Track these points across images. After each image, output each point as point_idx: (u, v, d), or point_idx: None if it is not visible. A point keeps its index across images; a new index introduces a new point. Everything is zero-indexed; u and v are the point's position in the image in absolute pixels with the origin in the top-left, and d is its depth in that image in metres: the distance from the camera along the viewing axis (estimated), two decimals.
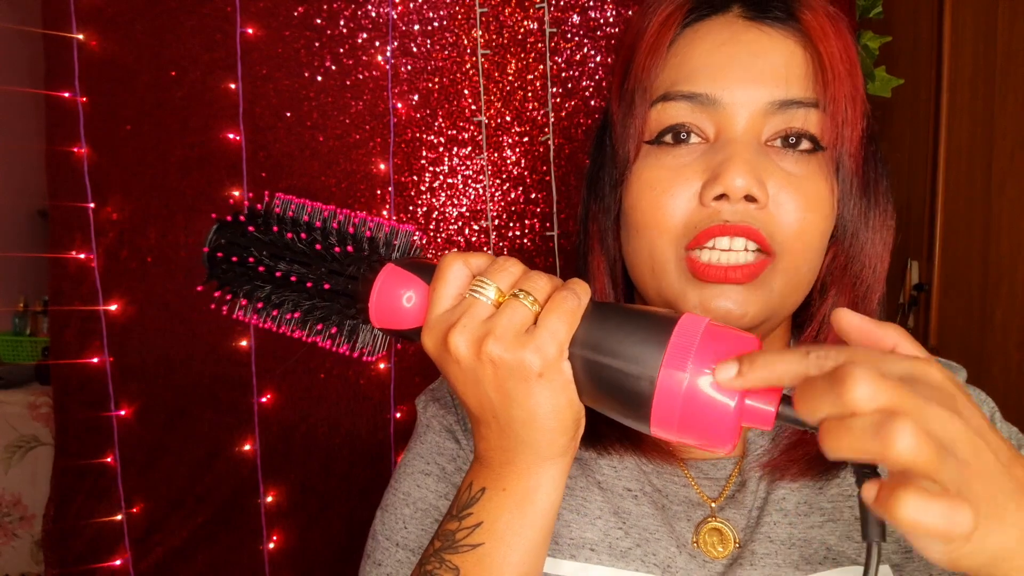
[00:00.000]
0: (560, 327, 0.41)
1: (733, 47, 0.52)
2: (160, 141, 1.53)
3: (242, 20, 1.50)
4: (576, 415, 0.44)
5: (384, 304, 0.46)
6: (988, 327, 1.58)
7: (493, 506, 0.46)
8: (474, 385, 0.43)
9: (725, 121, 0.51)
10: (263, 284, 0.50)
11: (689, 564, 0.56)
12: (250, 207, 0.52)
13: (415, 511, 0.61)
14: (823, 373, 0.34)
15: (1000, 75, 1.55)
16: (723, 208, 0.50)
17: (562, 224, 1.55)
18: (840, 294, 0.56)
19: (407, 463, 0.64)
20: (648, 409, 0.40)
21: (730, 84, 0.51)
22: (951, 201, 1.70)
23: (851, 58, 0.52)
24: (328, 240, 0.48)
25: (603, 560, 0.56)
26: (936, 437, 0.31)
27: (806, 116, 0.51)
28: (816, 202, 0.51)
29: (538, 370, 0.41)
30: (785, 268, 0.52)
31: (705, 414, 0.39)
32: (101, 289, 1.52)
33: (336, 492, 1.61)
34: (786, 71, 0.51)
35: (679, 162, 0.52)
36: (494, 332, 0.41)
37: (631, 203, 0.55)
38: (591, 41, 1.55)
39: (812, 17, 0.52)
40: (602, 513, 0.58)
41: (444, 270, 0.44)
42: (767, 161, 0.51)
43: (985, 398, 0.63)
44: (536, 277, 0.43)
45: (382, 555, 0.60)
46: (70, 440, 1.55)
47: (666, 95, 0.53)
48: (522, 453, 0.45)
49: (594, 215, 0.60)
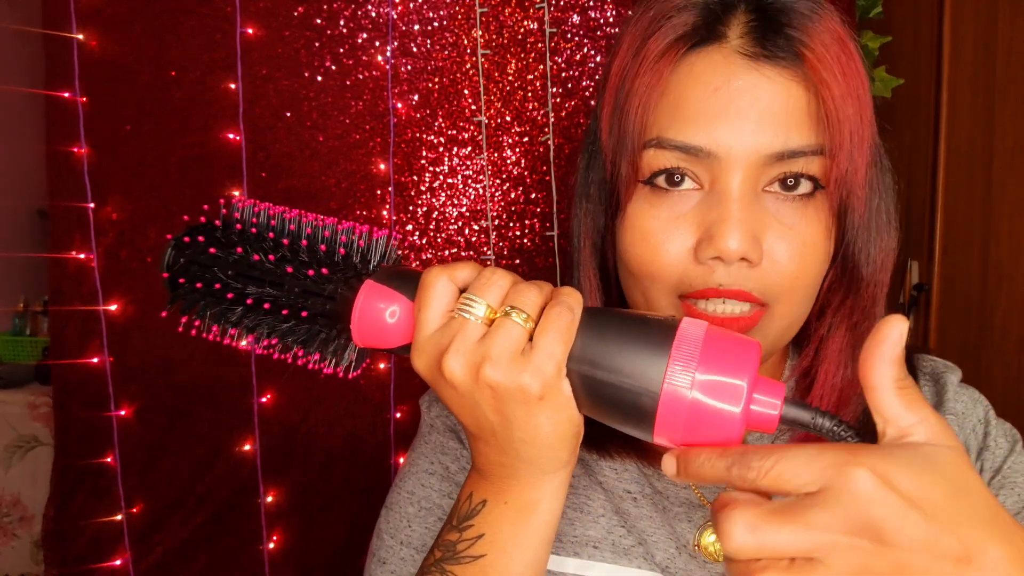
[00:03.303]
0: (556, 347, 0.40)
1: (729, 92, 0.48)
2: (160, 141, 1.53)
3: (242, 20, 1.50)
4: (576, 429, 0.44)
5: (367, 324, 0.44)
6: (988, 327, 1.58)
7: (494, 518, 0.45)
8: (471, 407, 0.42)
9: (720, 173, 0.49)
10: (233, 307, 0.46)
11: (689, 564, 0.56)
12: (207, 222, 0.48)
13: (419, 510, 0.61)
14: (747, 486, 0.35)
15: (1000, 75, 1.55)
16: (717, 268, 0.49)
17: (562, 224, 1.55)
18: (836, 317, 0.56)
19: (412, 462, 0.65)
20: (652, 422, 0.40)
21: (725, 135, 0.48)
22: (951, 201, 1.70)
23: (860, 88, 0.49)
24: (299, 257, 0.45)
25: (606, 557, 0.57)
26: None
27: (807, 163, 0.49)
28: (810, 248, 0.50)
29: (538, 393, 0.40)
30: (781, 315, 0.51)
31: (710, 423, 0.38)
32: (101, 289, 1.52)
33: (336, 492, 1.61)
34: (786, 119, 0.48)
35: (673, 212, 0.50)
36: (490, 356, 0.40)
37: (625, 247, 0.53)
38: (591, 41, 1.55)
39: (816, 54, 0.48)
40: (605, 512, 0.58)
41: (428, 287, 0.42)
42: (762, 214, 0.49)
43: (979, 397, 0.63)
44: (526, 290, 0.41)
45: (386, 553, 0.61)
46: (70, 440, 1.55)
47: (659, 141, 0.50)
48: (523, 469, 0.44)
49: (586, 232, 0.58)
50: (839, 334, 0.56)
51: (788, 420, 0.39)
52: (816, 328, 0.56)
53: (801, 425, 0.39)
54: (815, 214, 0.50)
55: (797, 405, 0.39)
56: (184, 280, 0.47)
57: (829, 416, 0.38)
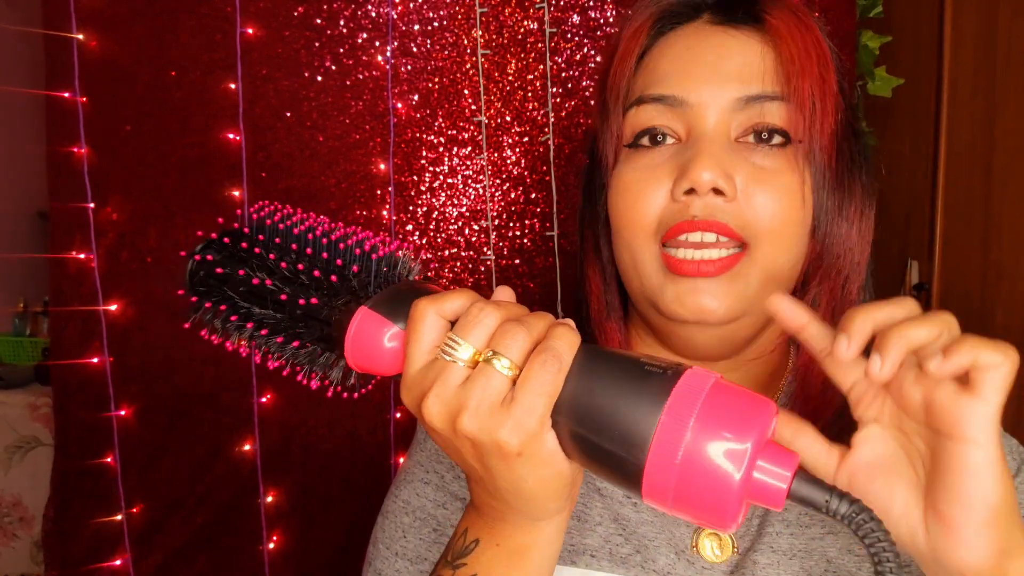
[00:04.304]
0: (538, 402, 0.37)
1: (699, 50, 0.54)
2: (160, 141, 1.53)
3: (242, 20, 1.50)
4: (567, 480, 0.41)
5: (359, 351, 0.43)
6: (988, 327, 1.57)
7: (487, 559, 0.44)
8: (455, 453, 0.41)
9: (694, 120, 0.53)
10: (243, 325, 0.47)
11: (688, 570, 0.56)
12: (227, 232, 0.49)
13: (414, 520, 0.62)
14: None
15: (1001, 75, 1.55)
16: (692, 202, 0.51)
17: (562, 224, 1.55)
18: (820, 285, 0.56)
19: (407, 471, 0.65)
20: (639, 485, 0.36)
21: (696, 85, 0.53)
22: (951, 201, 1.70)
23: (820, 53, 0.54)
24: (299, 279, 0.45)
25: (603, 566, 0.56)
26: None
27: (773, 110, 0.52)
28: (786, 192, 0.52)
29: (516, 449, 0.37)
30: (762, 258, 0.52)
31: (703, 487, 0.34)
32: (101, 290, 1.52)
33: (336, 493, 1.61)
34: (750, 69, 0.53)
35: (653, 163, 0.54)
36: (467, 407, 0.37)
37: (612, 206, 0.56)
38: (591, 41, 1.55)
39: (776, 17, 0.54)
40: (602, 520, 0.58)
41: (416, 322, 0.40)
42: (735, 156, 0.52)
43: (1015, 446, 0.59)
44: (512, 332, 0.38)
45: (382, 564, 0.61)
46: (70, 441, 1.55)
47: (639, 99, 0.55)
48: (512, 515, 0.43)
49: (589, 221, 0.62)
50: (824, 303, 0.56)
51: (797, 497, 0.34)
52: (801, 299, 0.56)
53: (813, 506, 0.34)
54: (787, 163, 0.53)
55: (810, 482, 0.34)
56: (201, 293, 0.48)
57: (849, 499, 0.34)
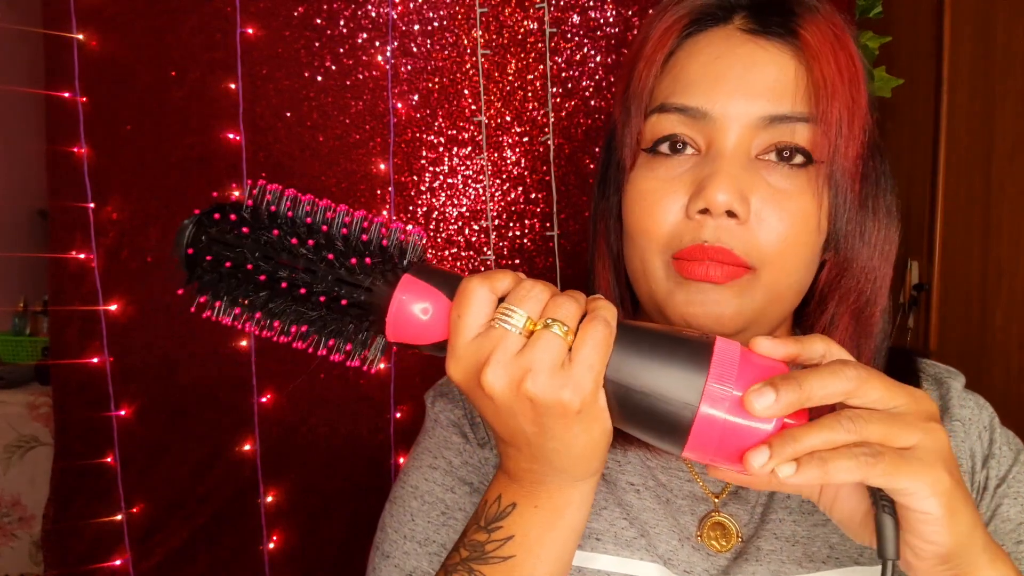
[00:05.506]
0: (596, 361, 0.41)
1: (728, 60, 0.52)
2: (160, 141, 1.53)
3: (242, 20, 1.50)
4: (608, 438, 0.45)
5: (402, 319, 0.43)
6: (988, 327, 1.58)
7: (524, 521, 0.46)
8: (508, 417, 0.43)
9: (715, 134, 0.52)
10: (259, 291, 0.44)
11: (692, 556, 0.57)
12: (234, 202, 0.45)
13: (422, 504, 0.62)
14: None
15: (1000, 75, 1.55)
16: (705, 223, 0.51)
17: (562, 224, 1.55)
18: (839, 305, 0.56)
19: (416, 456, 0.66)
20: (684, 439, 0.40)
21: (722, 98, 0.52)
22: (951, 201, 1.70)
23: (852, 74, 0.52)
24: (334, 245, 0.43)
25: (608, 549, 0.57)
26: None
27: (798, 131, 0.51)
28: (800, 215, 0.51)
29: (577, 407, 0.41)
30: (765, 282, 0.52)
31: (741, 441, 0.39)
32: (101, 289, 1.52)
33: (336, 492, 1.61)
34: (780, 87, 0.51)
35: (671, 173, 0.53)
36: (532, 369, 0.40)
37: (626, 210, 0.56)
38: (591, 41, 1.55)
39: (811, 32, 0.52)
40: (607, 504, 0.59)
41: (468, 295, 0.42)
42: (753, 175, 0.51)
43: (984, 403, 0.63)
44: (565, 303, 0.42)
45: (390, 547, 0.62)
46: (70, 440, 1.55)
47: (661, 106, 0.54)
48: (553, 476, 0.45)
49: (601, 214, 0.62)
50: (843, 324, 0.56)
51: None
52: (819, 318, 0.57)
53: None
54: (806, 184, 0.52)
55: None
56: (210, 258, 0.44)
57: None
